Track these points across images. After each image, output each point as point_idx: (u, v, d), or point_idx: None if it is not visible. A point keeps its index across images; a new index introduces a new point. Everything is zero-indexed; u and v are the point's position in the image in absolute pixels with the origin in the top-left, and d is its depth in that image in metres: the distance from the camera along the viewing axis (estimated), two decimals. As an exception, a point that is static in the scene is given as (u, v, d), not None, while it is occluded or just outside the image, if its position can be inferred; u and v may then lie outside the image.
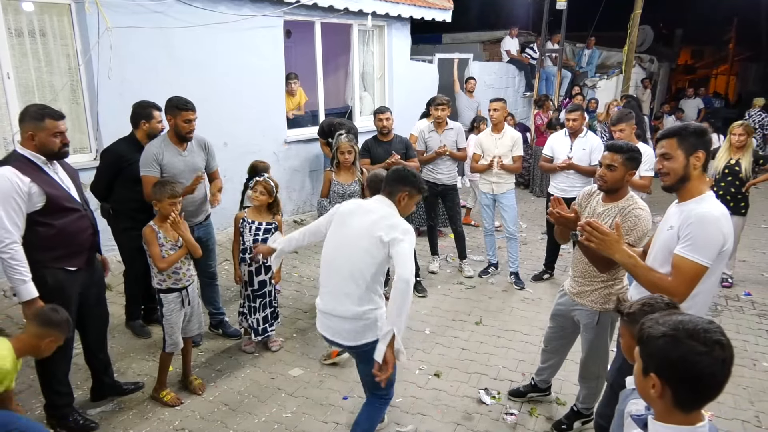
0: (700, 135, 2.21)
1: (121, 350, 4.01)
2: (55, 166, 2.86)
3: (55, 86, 4.82)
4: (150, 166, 3.67)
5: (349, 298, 2.55)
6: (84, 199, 3.01)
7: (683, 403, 1.32)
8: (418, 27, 8.60)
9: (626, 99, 7.99)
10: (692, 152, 2.18)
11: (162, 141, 3.77)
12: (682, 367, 1.29)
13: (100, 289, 3.24)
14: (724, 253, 2.14)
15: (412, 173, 2.67)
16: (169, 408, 3.34)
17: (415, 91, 8.08)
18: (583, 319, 2.95)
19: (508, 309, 4.79)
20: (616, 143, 2.89)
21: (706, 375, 1.27)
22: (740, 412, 3.34)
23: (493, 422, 3.27)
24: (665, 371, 1.31)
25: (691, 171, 2.20)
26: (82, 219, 2.91)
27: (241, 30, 5.83)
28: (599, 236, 2.23)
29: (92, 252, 3.03)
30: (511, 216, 5.25)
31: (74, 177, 3.00)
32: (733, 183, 5.15)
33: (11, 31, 4.51)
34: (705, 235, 2.09)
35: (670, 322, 1.34)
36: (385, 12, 7.30)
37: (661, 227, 2.35)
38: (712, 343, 1.27)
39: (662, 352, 1.31)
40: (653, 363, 1.33)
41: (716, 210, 2.14)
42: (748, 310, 4.80)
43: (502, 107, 5.17)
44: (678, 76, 23.10)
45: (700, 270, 2.10)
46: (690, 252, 2.10)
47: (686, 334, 1.29)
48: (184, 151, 3.81)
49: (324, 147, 6.42)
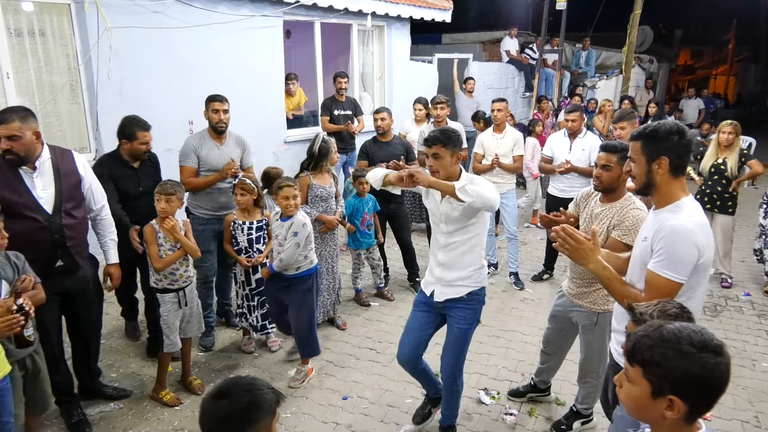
0: (669, 138, 1.99)
1: (120, 350, 4.01)
2: (37, 171, 2.77)
3: (54, 86, 4.82)
4: (188, 158, 3.86)
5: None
6: (67, 208, 2.86)
7: (693, 415, 1.29)
8: (417, 27, 8.60)
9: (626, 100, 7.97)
10: (654, 158, 2.00)
11: (201, 134, 3.96)
12: (705, 382, 1.25)
13: (87, 298, 3.12)
14: (702, 265, 1.96)
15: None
16: (168, 408, 3.33)
17: (415, 92, 8.07)
18: (581, 321, 2.95)
19: (508, 309, 4.79)
20: (611, 143, 2.90)
21: (723, 383, 1.26)
22: (739, 412, 3.34)
23: (492, 422, 3.27)
24: (687, 389, 1.25)
25: (654, 177, 2.02)
26: (41, 230, 2.77)
27: (240, 30, 5.83)
28: (573, 244, 2.07)
29: (50, 264, 2.85)
30: (511, 216, 5.25)
31: (68, 182, 2.89)
32: (719, 182, 5.18)
33: (11, 31, 4.51)
34: (677, 251, 1.92)
35: (680, 337, 1.28)
36: (384, 12, 7.31)
37: (637, 238, 2.19)
38: (719, 349, 1.26)
39: (684, 371, 1.25)
40: (669, 383, 1.26)
41: (689, 221, 1.95)
42: (748, 311, 4.80)
43: (505, 107, 5.20)
44: (677, 77, 23.13)
45: (674, 287, 1.94)
46: (662, 268, 1.94)
47: (700, 346, 1.25)
48: (222, 145, 3.96)
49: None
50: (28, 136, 2.68)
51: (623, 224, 2.68)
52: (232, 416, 1.37)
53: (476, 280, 2.82)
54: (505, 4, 13.61)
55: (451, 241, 2.76)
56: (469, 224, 2.72)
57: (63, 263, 2.91)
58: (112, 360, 3.85)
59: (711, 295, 5.09)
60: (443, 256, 2.81)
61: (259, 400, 1.41)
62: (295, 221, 3.40)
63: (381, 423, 3.22)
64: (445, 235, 2.78)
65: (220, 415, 1.38)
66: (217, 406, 1.39)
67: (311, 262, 3.56)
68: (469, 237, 2.74)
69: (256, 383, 1.45)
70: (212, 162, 3.90)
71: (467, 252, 2.76)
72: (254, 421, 1.39)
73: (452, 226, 2.74)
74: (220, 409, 1.38)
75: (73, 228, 2.92)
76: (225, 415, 1.37)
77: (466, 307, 2.83)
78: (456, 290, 2.80)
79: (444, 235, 2.79)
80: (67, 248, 2.89)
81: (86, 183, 3.03)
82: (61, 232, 2.85)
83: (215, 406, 1.39)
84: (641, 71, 13.74)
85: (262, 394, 1.42)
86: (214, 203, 4.00)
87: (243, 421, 1.38)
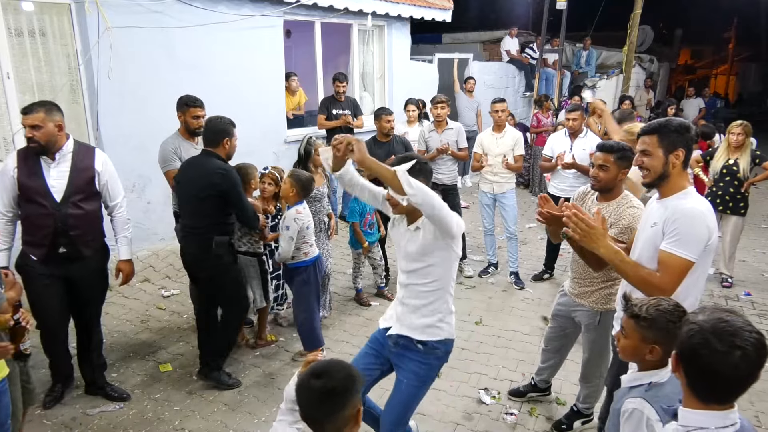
0: (682, 133, 2.16)
1: (120, 350, 4.01)
2: (56, 162, 3.01)
3: (54, 86, 4.82)
4: (172, 161, 3.86)
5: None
6: (75, 199, 3.04)
7: (699, 392, 1.41)
8: (418, 27, 8.60)
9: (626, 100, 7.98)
10: (672, 150, 2.15)
11: (175, 137, 3.95)
12: (691, 356, 1.38)
13: (90, 286, 3.25)
14: (709, 247, 2.12)
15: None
16: (168, 408, 3.34)
17: (415, 91, 8.08)
18: (584, 320, 2.95)
19: (508, 309, 4.79)
20: (608, 143, 2.91)
21: (723, 373, 1.35)
22: (740, 412, 3.33)
23: (492, 422, 3.27)
24: (681, 355, 1.41)
25: (670, 169, 2.16)
26: (46, 216, 2.98)
27: (240, 30, 5.83)
28: (584, 228, 2.12)
29: (53, 249, 3.03)
30: (511, 216, 5.25)
31: (81, 176, 3.07)
32: (731, 183, 5.15)
33: (11, 30, 4.51)
34: (691, 231, 2.07)
35: (708, 313, 1.41)
36: (385, 12, 7.30)
37: (644, 225, 2.31)
38: (734, 347, 1.33)
39: (682, 337, 1.41)
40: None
41: (700, 205, 2.13)
42: (748, 310, 4.79)
43: (505, 108, 5.20)
44: (678, 76, 23.10)
45: (687, 265, 2.08)
46: (676, 247, 2.08)
47: (712, 330, 1.36)
48: (198, 144, 3.97)
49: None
50: (50, 127, 2.92)
51: (620, 222, 2.69)
52: (334, 391, 1.52)
53: (436, 332, 2.41)
54: (506, 3, 13.61)
55: (410, 283, 2.41)
56: (429, 266, 2.33)
57: (66, 250, 3.06)
58: (112, 360, 3.85)
59: (711, 295, 5.09)
60: (404, 295, 2.46)
61: (354, 375, 1.58)
62: (287, 215, 3.54)
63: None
64: (405, 273, 2.43)
65: (323, 391, 1.52)
66: (318, 384, 1.53)
67: (305, 254, 3.63)
68: (428, 281, 2.35)
69: (343, 362, 1.65)
70: None
71: (428, 297, 2.38)
72: (353, 394, 1.55)
73: (410, 264, 2.38)
74: (322, 387, 1.52)
75: (79, 218, 3.07)
76: (328, 390, 1.52)
77: (421, 362, 2.41)
78: (414, 331, 2.41)
79: (404, 274, 2.45)
80: (71, 236, 3.05)
81: (102, 179, 3.17)
82: (65, 220, 3.01)
83: (317, 384, 1.53)
84: (641, 71, 13.72)
85: (352, 370, 1.61)
86: None
87: (345, 396, 1.54)
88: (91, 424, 3.19)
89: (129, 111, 5.07)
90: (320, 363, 1.64)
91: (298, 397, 1.58)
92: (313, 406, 1.55)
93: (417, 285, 2.38)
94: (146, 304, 4.74)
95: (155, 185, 5.18)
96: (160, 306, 4.72)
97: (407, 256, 2.39)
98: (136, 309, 4.65)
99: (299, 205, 3.57)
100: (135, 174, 5.17)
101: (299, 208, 3.56)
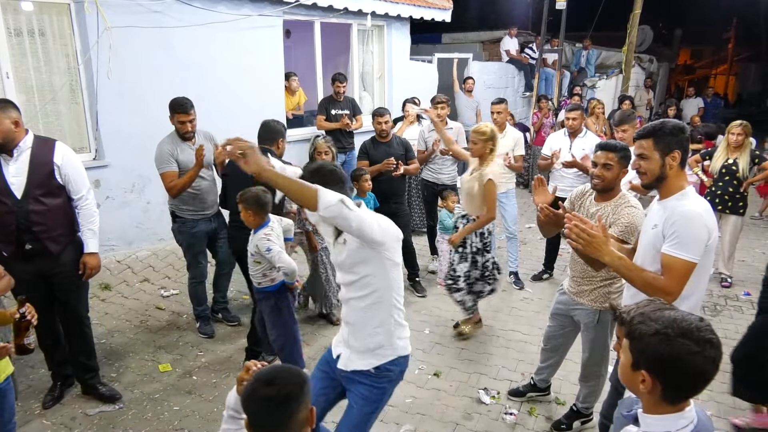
0: (677, 134, 2.18)
1: (120, 350, 4.01)
2: (14, 158, 2.95)
3: (54, 86, 4.82)
4: (169, 163, 3.87)
5: None
6: (36, 195, 2.98)
7: (671, 397, 1.35)
8: (417, 27, 8.60)
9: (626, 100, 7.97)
10: (668, 152, 2.17)
11: (171, 138, 3.96)
12: (674, 365, 1.29)
13: (62, 282, 3.19)
14: (709, 246, 2.14)
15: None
16: (168, 408, 3.34)
17: (415, 91, 8.08)
18: (583, 319, 2.95)
19: (508, 309, 4.79)
20: (609, 142, 2.91)
21: (697, 373, 1.30)
22: (739, 412, 3.34)
23: (492, 422, 3.27)
24: (656, 368, 1.32)
25: (667, 171, 2.20)
26: (8, 214, 2.95)
27: (240, 30, 5.82)
28: (587, 238, 2.09)
29: (19, 247, 3.00)
30: (511, 216, 5.25)
31: (39, 170, 2.99)
32: (730, 183, 5.16)
33: (10, 30, 4.51)
34: (689, 233, 2.09)
35: (662, 318, 1.34)
36: (384, 12, 7.30)
37: (646, 226, 2.35)
38: (704, 342, 1.28)
39: (655, 350, 1.31)
40: (644, 359, 1.34)
41: (698, 206, 2.15)
42: (748, 310, 4.79)
43: (504, 109, 5.21)
44: (677, 76, 23.10)
45: (690, 266, 2.11)
46: (677, 250, 2.10)
47: (679, 332, 1.30)
48: (194, 145, 3.99)
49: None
50: (6, 124, 2.88)
51: (620, 221, 2.69)
52: (289, 396, 1.49)
53: (386, 351, 2.25)
54: (505, 3, 13.61)
55: (350, 297, 2.25)
56: (364, 276, 2.18)
57: (31, 247, 3.03)
58: (112, 359, 3.85)
59: (711, 295, 5.09)
60: (346, 313, 2.31)
61: (303, 375, 1.54)
62: (257, 244, 3.21)
63: (381, 422, 3.21)
64: (344, 287, 2.27)
65: (277, 398, 1.48)
66: (271, 391, 1.48)
67: (272, 280, 3.30)
68: (366, 294, 2.19)
69: (288, 366, 1.62)
70: (190, 163, 3.91)
71: (369, 310, 2.21)
72: (306, 395, 1.52)
73: (346, 276, 2.24)
74: (276, 394, 1.48)
75: (42, 214, 3.02)
76: (283, 396, 1.48)
77: (373, 386, 2.25)
78: (363, 362, 2.25)
79: (343, 288, 2.29)
80: (34, 233, 3.02)
81: (63, 172, 3.08)
82: (27, 217, 2.99)
83: (270, 391, 1.48)
84: (641, 71, 13.72)
85: (299, 371, 1.57)
86: (203, 203, 4.09)
87: (299, 399, 1.51)
88: (90, 424, 3.19)
89: (128, 111, 5.06)
90: (266, 370, 1.57)
91: (248, 407, 1.50)
92: (267, 414, 1.47)
93: (355, 299, 2.23)
94: (146, 304, 4.74)
95: (155, 185, 5.16)
96: (160, 306, 4.72)
97: (341, 267, 2.25)
98: (136, 309, 4.66)
99: (265, 227, 3.23)
100: (135, 174, 5.17)
101: (266, 230, 3.22)
